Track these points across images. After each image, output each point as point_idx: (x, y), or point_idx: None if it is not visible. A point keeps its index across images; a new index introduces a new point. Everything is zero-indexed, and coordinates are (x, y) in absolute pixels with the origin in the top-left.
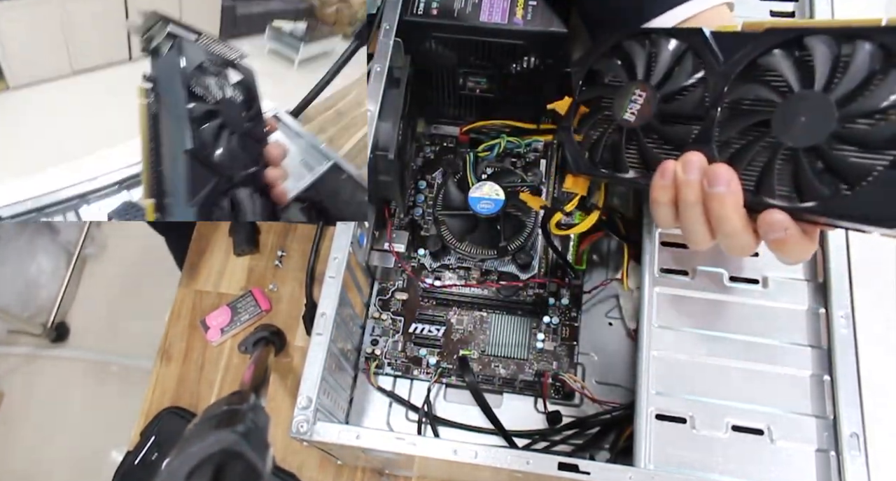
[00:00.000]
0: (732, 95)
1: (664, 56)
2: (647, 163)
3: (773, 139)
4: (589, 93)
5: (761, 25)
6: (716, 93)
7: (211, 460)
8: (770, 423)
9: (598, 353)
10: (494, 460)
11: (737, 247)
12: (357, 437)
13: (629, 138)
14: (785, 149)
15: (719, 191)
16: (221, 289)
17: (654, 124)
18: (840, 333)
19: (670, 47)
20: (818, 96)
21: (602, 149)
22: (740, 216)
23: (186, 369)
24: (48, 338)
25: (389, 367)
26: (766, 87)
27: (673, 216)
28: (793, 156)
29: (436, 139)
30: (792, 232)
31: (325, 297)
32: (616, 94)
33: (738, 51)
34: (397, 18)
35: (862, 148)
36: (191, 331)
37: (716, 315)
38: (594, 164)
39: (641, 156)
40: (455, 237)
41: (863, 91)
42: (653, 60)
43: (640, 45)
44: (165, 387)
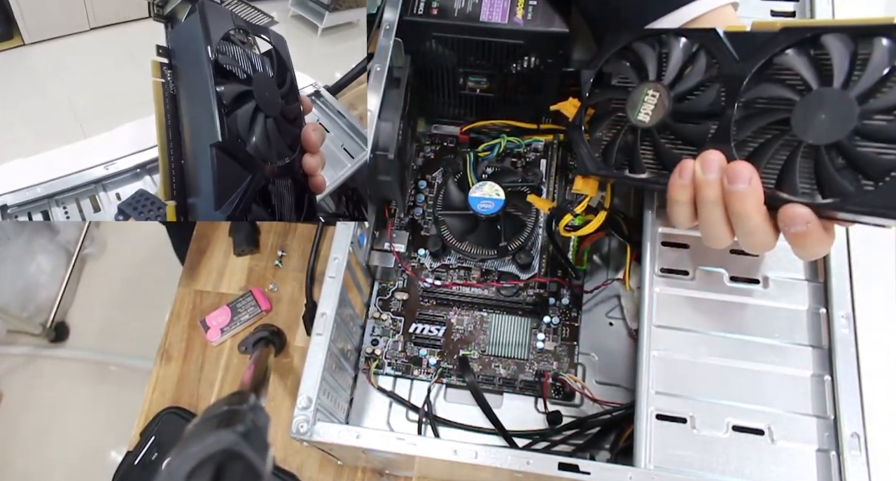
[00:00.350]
0: (748, 94)
1: (676, 55)
2: (664, 163)
3: (793, 137)
4: (600, 95)
5: (773, 25)
6: (731, 92)
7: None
8: (770, 423)
9: (599, 353)
10: (495, 460)
11: (758, 245)
12: (357, 437)
13: (643, 139)
14: (805, 147)
15: (741, 188)
16: (221, 289)
17: (670, 124)
18: (840, 333)
19: (682, 46)
20: (837, 93)
21: (616, 151)
22: (761, 213)
23: (186, 369)
24: (48, 338)
25: (389, 367)
26: (782, 85)
27: (691, 215)
28: (813, 153)
29: (436, 139)
30: (813, 225)
31: (325, 297)
32: (628, 96)
33: (752, 50)
34: (397, 18)
35: (884, 143)
36: (191, 331)
37: (716, 315)
38: (608, 166)
39: (657, 156)
40: (455, 237)
41: (882, 87)
42: (664, 60)
43: (651, 46)
44: (165, 387)
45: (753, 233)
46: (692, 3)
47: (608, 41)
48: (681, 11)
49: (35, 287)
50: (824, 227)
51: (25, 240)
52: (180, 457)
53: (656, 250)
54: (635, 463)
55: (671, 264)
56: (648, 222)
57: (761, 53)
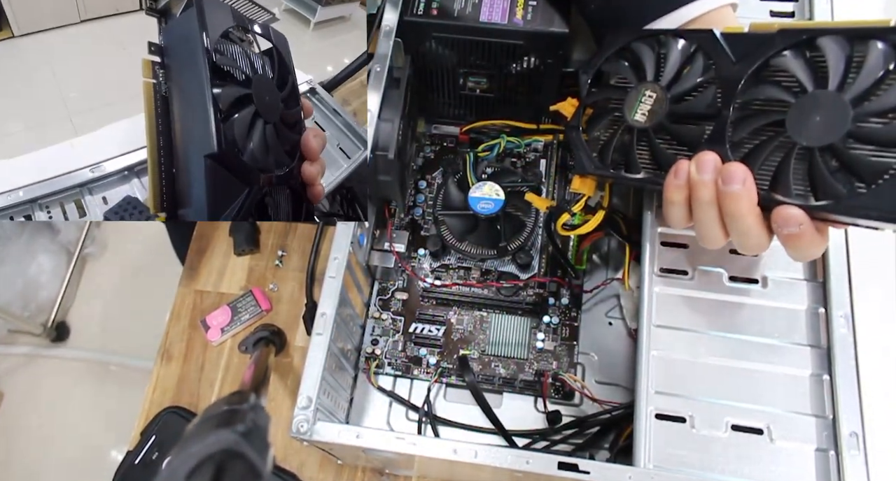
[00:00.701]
0: (744, 96)
1: (674, 56)
2: (660, 164)
3: (788, 138)
4: (598, 94)
5: (770, 26)
6: (727, 93)
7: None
8: (770, 423)
9: (598, 353)
10: (494, 460)
11: (751, 246)
12: (357, 437)
13: (640, 139)
14: (800, 149)
15: (735, 189)
16: (222, 289)
17: (666, 124)
18: (839, 333)
19: (679, 47)
20: (832, 96)
21: (612, 150)
22: (755, 214)
23: (186, 369)
24: (48, 338)
25: (389, 367)
26: (778, 87)
27: (686, 216)
28: (807, 155)
29: (436, 139)
30: (806, 227)
31: (326, 297)
32: (626, 96)
33: (749, 52)
34: (397, 18)
35: (877, 146)
36: (191, 331)
37: (715, 314)
38: (604, 165)
39: (653, 156)
40: (455, 237)
41: (876, 90)
42: (662, 61)
43: (649, 47)
44: (165, 387)
45: (747, 234)
46: (692, 4)
47: (607, 42)
48: (680, 12)
49: (36, 287)
50: (818, 229)
51: (26, 240)
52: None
53: (655, 250)
54: (635, 463)
55: (670, 264)
56: (647, 222)
57: (757, 55)
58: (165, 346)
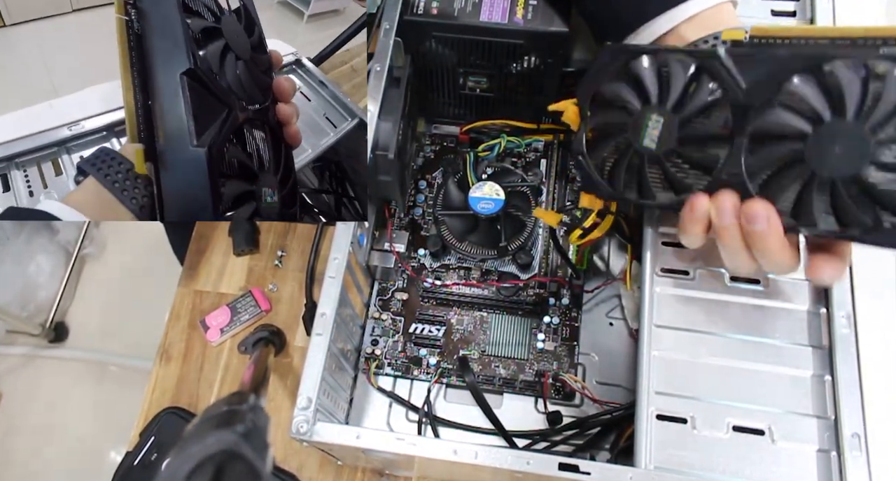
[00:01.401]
0: (757, 123)
1: (678, 78)
2: (675, 189)
3: (807, 167)
4: (599, 118)
5: (773, 31)
6: (739, 118)
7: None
8: (771, 423)
9: (599, 353)
10: (495, 460)
11: (782, 271)
12: (357, 437)
13: (650, 163)
14: (821, 179)
15: (760, 229)
16: (221, 289)
17: (678, 149)
18: (841, 333)
19: (683, 68)
20: (852, 125)
21: (622, 173)
22: (782, 245)
23: (186, 369)
24: (47, 338)
25: (389, 367)
26: (793, 114)
27: (703, 240)
28: (829, 185)
29: (436, 139)
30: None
31: (325, 297)
32: (629, 118)
33: (759, 76)
34: (397, 18)
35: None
36: (190, 331)
37: (717, 315)
38: (616, 190)
39: (667, 180)
40: (455, 237)
41: None
42: (665, 82)
43: (650, 67)
44: (165, 387)
45: (778, 264)
46: (689, 1)
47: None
48: (677, 10)
49: (34, 287)
50: (841, 253)
51: (25, 240)
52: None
53: (657, 250)
54: (635, 464)
55: (671, 264)
56: (648, 222)
57: (768, 84)
58: (164, 347)
